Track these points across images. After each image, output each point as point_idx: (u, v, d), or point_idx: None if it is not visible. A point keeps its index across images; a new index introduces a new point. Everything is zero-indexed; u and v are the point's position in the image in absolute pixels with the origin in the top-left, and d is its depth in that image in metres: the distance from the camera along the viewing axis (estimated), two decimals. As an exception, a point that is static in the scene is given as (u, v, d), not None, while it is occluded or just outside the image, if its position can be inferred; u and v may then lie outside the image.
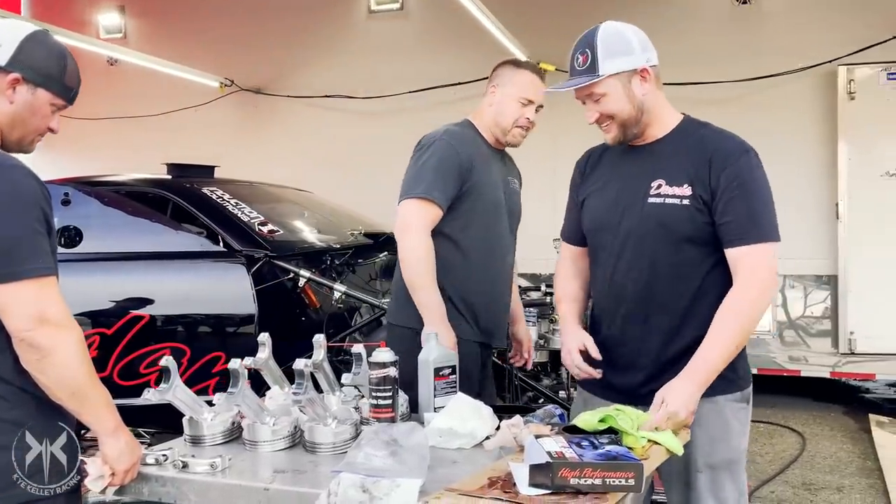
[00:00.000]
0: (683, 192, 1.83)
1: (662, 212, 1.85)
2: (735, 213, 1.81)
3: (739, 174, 1.83)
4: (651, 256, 1.87)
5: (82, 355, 1.58)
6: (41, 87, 1.67)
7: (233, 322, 3.47)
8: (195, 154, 5.20)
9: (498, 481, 1.44)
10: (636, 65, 1.86)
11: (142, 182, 3.99)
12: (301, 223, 4.21)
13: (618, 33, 1.89)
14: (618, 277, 1.94)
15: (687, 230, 1.84)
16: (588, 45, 1.86)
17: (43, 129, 1.73)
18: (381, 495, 1.47)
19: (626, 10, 6.02)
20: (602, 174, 2.03)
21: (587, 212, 2.03)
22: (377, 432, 1.70)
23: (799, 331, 5.76)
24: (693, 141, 1.90)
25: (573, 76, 1.88)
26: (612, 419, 1.63)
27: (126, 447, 1.65)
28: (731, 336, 1.78)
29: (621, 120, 1.89)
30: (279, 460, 1.76)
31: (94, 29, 7.71)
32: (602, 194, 1.99)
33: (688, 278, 1.87)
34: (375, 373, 1.85)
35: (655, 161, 1.91)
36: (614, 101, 1.87)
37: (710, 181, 1.82)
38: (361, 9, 6.91)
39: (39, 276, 1.55)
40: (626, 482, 1.36)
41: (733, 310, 1.79)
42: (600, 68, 1.84)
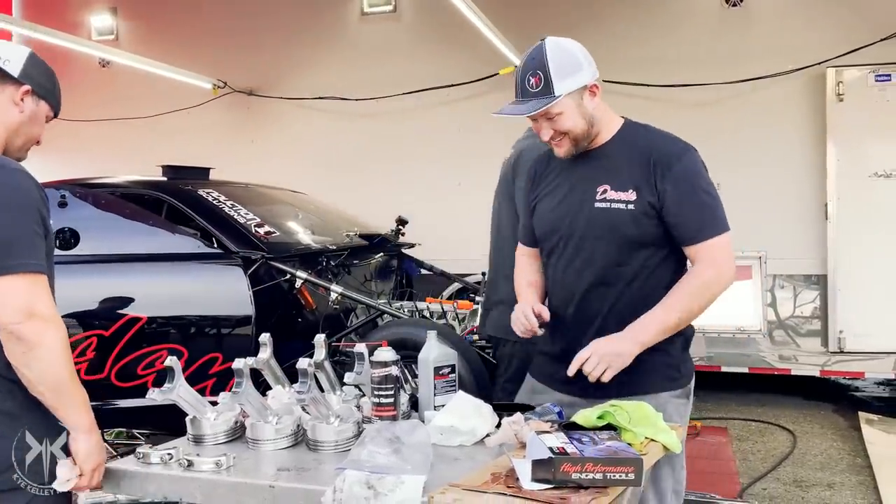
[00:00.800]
0: (628, 197, 1.92)
1: (608, 216, 1.93)
2: (688, 212, 1.91)
3: (685, 174, 1.91)
4: (599, 259, 1.96)
5: (66, 352, 1.64)
6: (43, 100, 1.83)
7: (230, 323, 3.48)
8: (188, 156, 5.20)
9: (501, 476, 1.47)
10: (586, 81, 1.93)
11: (138, 184, 4.00)
12: (297, 224, 4.23)
13: (566, 52, 1.93)
14: (568, 279, 2.02)
15: (632, 233, 1.92)
16: (539, 67, 1.89)
17: (38, 137, 1.87)
18: (385, 491, 1.50)
19: (615, 13, 6.14)
20: (551, 180, 2.10)
21: (538, 216, 2.12)
22: (380, 430, 1.73)
23: (789, 330, 5.82)
24: (635, 144, 1.98)
25: (526, 97, 1.92)
26: (610, 416, 1.67)
27: (95, 447, 1.70)
28: (675, 308, 1.88)
29: (574, 135, 1.96)
30: (282, 458, 1.78)
31: (87, 30, 7.67)
32: (551, 199, 2.07)
33: (635, 279, 1.95)
34: (378, 372, 1.88)
35: (600, 166, 1.99)
36: (569, 119, 1.93)
37: (656, 184, 1.90)
38: (354, 10, 6.92)
39: (31, 272, 1.62)
40: (627, 476, 1.39)
41: (683, 287, 1.90)
42: (555, 90, 1.89)
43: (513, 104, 1.95)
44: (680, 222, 1.90)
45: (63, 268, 3.45)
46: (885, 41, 5.38)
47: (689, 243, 1.92)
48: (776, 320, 5.80)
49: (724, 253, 1.91)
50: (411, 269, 4.69)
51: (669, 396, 1.98)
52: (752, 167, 5.69)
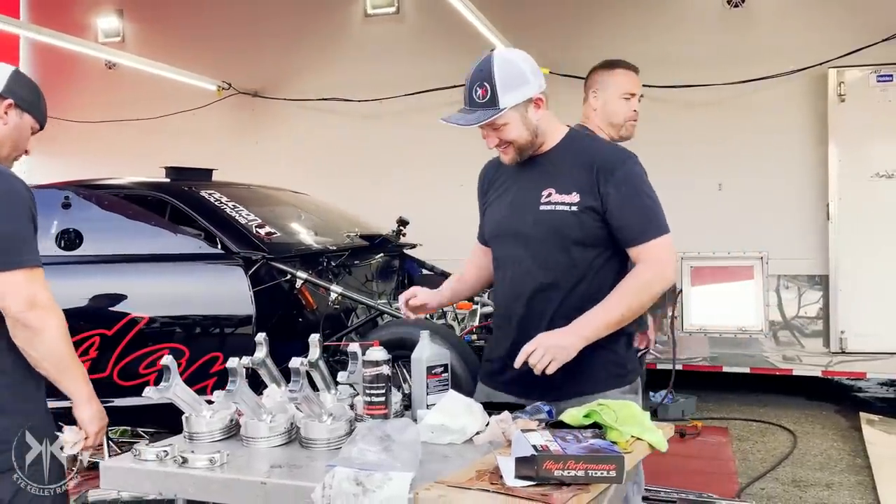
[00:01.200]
0: (572, 200, 1.99)
1: (553, 218, 2.01)
2: (630, 215, 1.99)
3: (627, 179, 2.00)
4: (545, 259, 2.03)
5: (65, 334, 1.88)
6: (27, 112, 2.00)
7: (231, 323, 3.52)
8: (193, 157, 5.25)
9: (486, 474, 1.50)
10: (531, 94, 1.99)
11: (141, 185, 4.04)
12: (298, 225, 4.27)
13: (512, 64, 1.99)
14: (517, 279, 2.09)
15: (576, 234, 2.00)
16: (486, 79, 1.95)
17: (24, 148, 2.05)
18: (373, 488, 1.53)
19: (616, 14, 6.15)
20: (500, 184, 2.17)
21: (488, 220, 2.19)
22: (371, 428, 1.75)
23: (793, 330, 5.83)
24: (579, 151, 2.07)
25: (473, 107, 1.98)
26: (596, 414, 1.69)
27: (97, 413, 1.96)
28: (617, 305, 1.95)
29: (519, 145, 2.03)
30: (276, 456, 1.81)
31: (93, 32, 7.75)
32: (500, 203, 2.15)
33: (581, 279, 2.02)
34: (369, 371, 1.91)
35: (545, 171, 2.07)
36: (513, 130, 2.00)
37: (599, 189, 1.98)
38: (358, 12, 6.97)
39: (31, 266, 1.84)
40: (608, 474, 1.42)
41: (626, 285, 1.97)
42: (500, 102, 1.95)
43: (461, 112, 2.02)
44: (623, 225, 1.99)
45: (67, 268, 3.54)
46: (887, 42, 5.39)
47: (631, 244, 2.00)
48: (780, 321, 5.81)
49: (665, 254, 2.00)
50: (413, 270, 4.72)
51: (618, 393, 2.05)
52: (754, 167, 5.70)
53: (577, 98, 7.21)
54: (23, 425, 1.85)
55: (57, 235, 3.64)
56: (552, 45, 6.26)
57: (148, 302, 3.47)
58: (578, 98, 7.24)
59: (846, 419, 5.24)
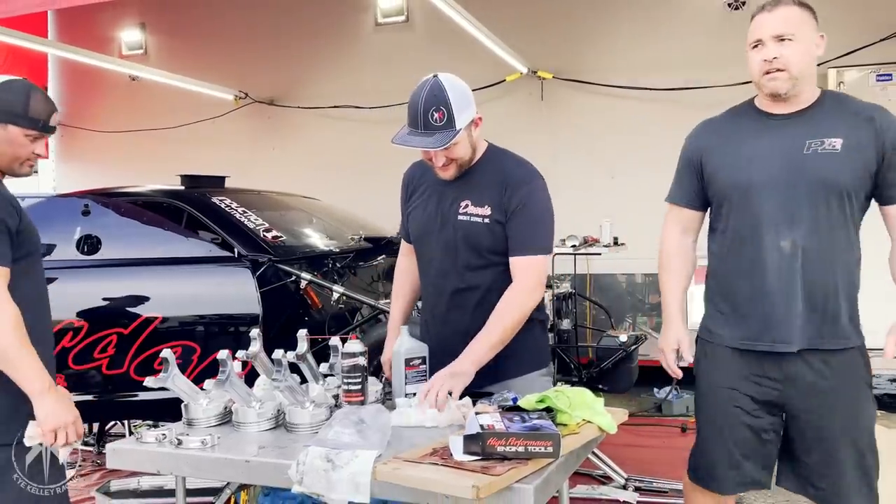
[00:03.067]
0: (484, 212, 2.22)
1: (468, 227, 2.24)
2: (517, 229, 2.19)
3: (524, 198, 2.20)
4: (460, 263, 2.27)
5: (9, 328, 1.93)
6: (10, 124, 2.07)
7: (239, 322, 3.71)
8: (212, 164, 5.48)
9: (439, 451, 1.67)
10: (474, 115, 2.18)
11: (155, 192, 4.27)
12: (304, 229, 4.46)
13: (460, 88, 2.15)
14: (437, 280, 2.31)
15: (487, 243, 2.23)
16: (443, 103, 2.10)
17: (25, 155, 2.12)
18: (342, 464, 1.71)
19: (618, 18, 6.27)
20: (423, 191, 2.37)
21: (412, 222, 2.39)
22: (347, 413, 1.94)
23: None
24: (495, 167, 2.27)
25: (430, 130, 2.12)
26: (549, 399, 1.85)
27: (50, 410, 1.96)
28: (495, 329, 2.14)
29: (461, 162, 2.21)
30: (263, 439, 2.00)
31: (117, 45, 8.06)
32: (424, 208, 2.34)
33: (494, 281, 2.23)
34: (347, 362, 2.09)
35: (465, 184, 2.27)
36: (462, 148, 2.19)
37: (504, 203, 2.20)
38: (369, 22, 7.17)
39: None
40: (546, 449, 1.58)
41: (501, 310, 2.16)
42: (457, 123, 2.11)
43: (415, 135, 2.14)
44: (511, 235, 2.20)
45: (87, 271, 3.78)
46: (886, 41, 5.43)
47: (512, 254, 2.20)
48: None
49: (535, 272, 2.19)
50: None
51: (537, 375, 2.29)
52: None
53: (579, 101, 7.33)
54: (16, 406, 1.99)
55: (78, 241, 3.89)
56: (554, 50, 6.42)
57: (161, 303, 3.68)
58: (580, 101, 7.36)
59: (849, 415, 5.29)
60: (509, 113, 6.57)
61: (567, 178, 6.28)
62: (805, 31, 2.05)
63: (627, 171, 6.09)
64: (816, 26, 2.08)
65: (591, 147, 6.32)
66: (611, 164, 6.23)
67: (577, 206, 5.13)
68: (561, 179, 6.39)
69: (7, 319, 1.93)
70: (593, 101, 6.30)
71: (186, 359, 3.56)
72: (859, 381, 2.14)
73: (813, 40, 2.07)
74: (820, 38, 2.09)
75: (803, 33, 2.04)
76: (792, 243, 2.07)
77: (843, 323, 2.11)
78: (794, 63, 2.02)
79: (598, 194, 6.08)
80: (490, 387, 2.17)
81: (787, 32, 2.02)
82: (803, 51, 2.04)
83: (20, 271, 2.05)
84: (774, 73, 2.03)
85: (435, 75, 2.17)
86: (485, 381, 2.17)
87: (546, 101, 6.47)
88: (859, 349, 2.15)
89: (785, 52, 2.02)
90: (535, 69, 6.40)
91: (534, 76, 6.42)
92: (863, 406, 2.13)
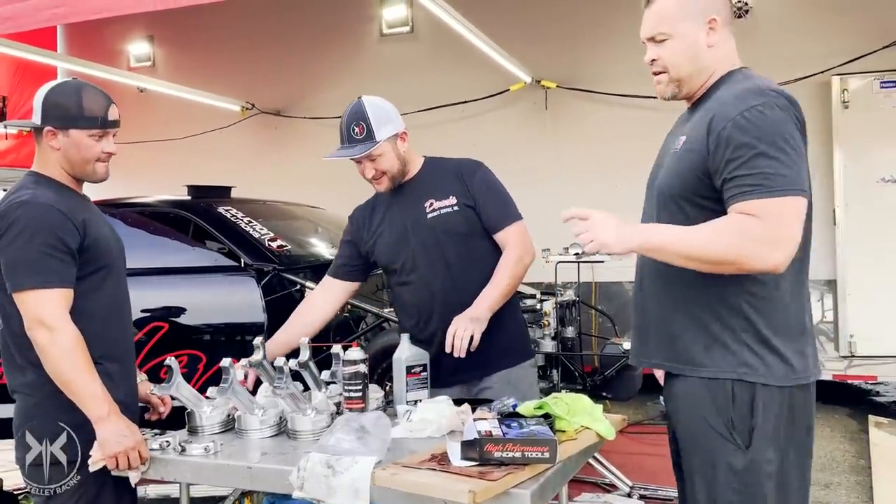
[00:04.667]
0: (451, 202, 2.40)
1: (441, 220, 2.39)
2: (492, 207, 2.39)
3: (484, 179, 2.43)
4: (444, 258, 2.39)
5: (68, 354, 1.90)
6: (71, 129, 2.04)
7: (244, 330, 3.75)
8: (219, 174, 5.53)
9: (437, 457, 1.69)
10: (398, 129, 2.38)
11: (163, 203, 4.32)
12: (310, 238, 4.51)
13: (379, 106, 2.37)
14: (427, 284, 2.39)
15: (464, 228, 2.38)
16: (362, 119, 2.32)
17: (93, 156, 2.08)
18: (342, 470, 1.73)
19: (621, 28, 6.29)
20: (379, 221, 2.47)
21: (380, 253, 2.47)
22: (348, 420, 1.96)
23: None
24: (440, 168, 2.48)
25: (352, 143, 2.33)
26: (548, 406, 1.87)
27: (111, 435, 1.91)
28: (503, 278, 2.33)
29: (392, 174, 2.39)
30: (265, 445, 2.02)
31: (126, 58, 8.16)
32: (388, 233, 2.44)
33: (479, 265, 2.38)
34: (348, 369, 2.11)
35: (419, 189, 2.44)
36: (387, 160, 2.36)
37: (469, 189, 2.40)
38: (374, 33, 7.24)
39: (35, 287, 1.91)
40: (542, 455, 1.60)
41: (504, 264, 2.35)
42: (377, 135, 2.32)
43: (341, 149, 2.37)
44: (488, 214, 2.39)
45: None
46: (889, 48, 5.46)
47: (495, 230, 2.39)
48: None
49: (523, 233, 2.41)
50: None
51: (529, 365, 2.45)
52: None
53: (583, 110, 7.36)
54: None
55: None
56: (558, 59, 6.46)
57: (168, 311, 3.73)
58: (585, 110, 7.38)
59: (857, 422, 5.27)
60: (513, 122, 6.62)
61: (571, 185, 6.31)
62: (683, 25, 1.76)
63: (632, 179, 6.07)
64: (706, 8, 1.75)
65: (595, 155, 6.34)
66: (615, 172, 6.24)
67: (579, 216, 5.13)
68: (565, 187, 6.44)
69: (63, 344, 1.89)
70: (597, 109, 6.34)
71: (192, 367, 3.59)
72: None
73: (696, 31, 1.75)
74: (709, 22, 1.75)
75: (681, 28, 1.76)
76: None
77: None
78: (673, 64, 1.79)
79: (602, 202, 6.03)
80: (482, 381, 2.37)
81: (660, 32, 1.78)
82: (681, 49, 1.77)
83: (89, 288, 2.03)
84: (657, 77, 1.84)
85: (359, 97, 2.37)
86: (475, 374, 2.36)
87: (550, 111, 6.50)
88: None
89: (662, 53, 1.79)
90: (539, 78, 6.43)
91: (537, 85, 6.46)
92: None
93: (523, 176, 5.53)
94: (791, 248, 1.58)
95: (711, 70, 1.79)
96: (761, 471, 1.68)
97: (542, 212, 3.28)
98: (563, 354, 4.61)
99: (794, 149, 1.60)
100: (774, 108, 1.61)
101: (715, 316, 1.71)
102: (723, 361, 1.70)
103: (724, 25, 1.77)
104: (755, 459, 1.68)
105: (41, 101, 2.04)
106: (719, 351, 1.70)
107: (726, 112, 1.66)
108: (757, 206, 1.57)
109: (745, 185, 1.59)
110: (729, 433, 1.69)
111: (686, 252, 1.65)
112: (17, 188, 2.05)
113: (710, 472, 1.73)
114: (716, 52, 1.78)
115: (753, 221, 1.57)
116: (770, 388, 1.67)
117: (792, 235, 1.58)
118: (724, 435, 1.70)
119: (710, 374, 1.71)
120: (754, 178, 1.58)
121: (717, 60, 1.79)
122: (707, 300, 1.72)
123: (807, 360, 1.71)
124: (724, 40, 1.79)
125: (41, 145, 2.08)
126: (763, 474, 1.68)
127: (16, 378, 2.03)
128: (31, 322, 1.90)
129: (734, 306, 1.69)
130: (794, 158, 1.59)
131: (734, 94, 1.69)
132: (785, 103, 1.63)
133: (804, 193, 1.60)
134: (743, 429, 1.68)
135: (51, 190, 2.04)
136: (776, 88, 1.66)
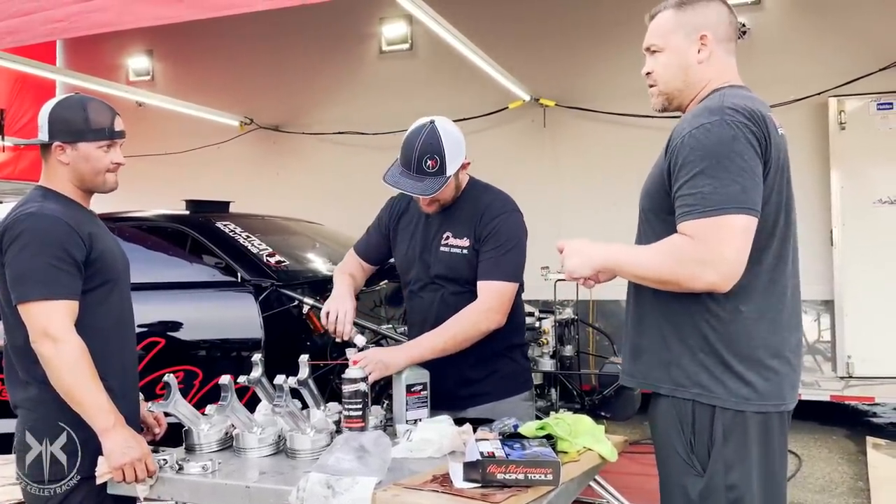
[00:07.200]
0: (463, 244, 2.35)
1: (449, 259, 2.36)
2: (486, 257, 2.30)
3: (495, 228, 2.31)
4: (440, 292, 2.39)
5: (74, 366, 1.90)
6: (79, 142, 2.05)
7: (242, 346, 3.72)
8: (218, 189, 5.51)
9: (439, 478, 1.67)
10: (464, 160, 2.30)
11: (159, 217, 4.30)
12: (308, 254, 4.48)
13: (453, 135, 2.25)
14: (424, 306, 2.44)
15: (465, 274, 2.34)
16: (437, 152, 2.22)
17: (103, 167, 2.09)
18: (342, 490, 1.71)
19: (620, 44, 6.34)
20: (409, 220, 2.47)
21: (398, 251, 2.47)
22: (348, 440, 1.94)
23: (816, 355, 5.87)
24: (475, 201, 2.39)
25: (422, 175, 2.23)
26: (550, 427, 1.86)
27: (117, 447, 1.90)
28: (444, 335, 2.26)
29: (444, 202, 2.36)
30: (264, 464, 2.00)
31: (125, 72, 8.18)
32: (409, 238, 2.44)
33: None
34: (347, 387, 2.09)
35: (447, 217, 2.39)
36: (447, 191, 2.31)
37: (478, 232, 2.32)
38: (373, 50, 7.26)
39: (40, 299, 1.91)
40: (545, 477, 1.58)
41: (457, 321, 2.27)
42: (448, 171, 2.24)
43: (407, 177, 2.25)
44: (481, 261, 2.31)
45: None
46: (886, 70, 5.49)
47: (479, 278, 2.30)
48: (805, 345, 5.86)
49: (498, 295, 2.27)
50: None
51: (520, 399, 2.36)
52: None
53: (581, 128, 7.38)
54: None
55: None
56: (556, 77, 6.48)
57: (164, 327, 3.69)
58: (584, 128, 7.40)
59: (855, 444, 5.25)
60: (512, 140, 6.63)
61: (569, 204, 6.32)
62: (675, 39, 1.77)
63: (630, 197, 6.06)
64: (699, 24, 1.76)
65: (594, 174, 6.35)
66: (613, 190, 6.25)
67: (579, 233, 5.09)
68: (563, 206, 6.44)
69: (69, 355, 1.90)
70: (596, 128, 6.36)
71: (188, 383, 3.55)
72: None
73: (687, 47, 1.77)
74: (701, 38, 1.76)
75: (673, 42, 1.78)
76: None
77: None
78: (660, 77, 1.81)
79: (600, 221, 6.08)
80: (473, 409, 2.30)
81: (653, 44, 1.82)
82: (671, 63, 1.78)
83: (95, 301, 2.03)
84: (650, 89, 1.86)
85: (432, 121, 2.26)
86: (468, 404, 2.31)
87: (549, 129, 6.52)
88: None
89: (656, 65, 1.82)
90: (538, 96, 6.46)
91: (536, 103, 6.48)
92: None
93: (522, 193, 5.42)
94: (726, 267, 1.56)
95: (701, 86, 1.79)
96: (719, 499, 1.63)
97: (541, 229, 3.27)
98: (562, 373, 4.59)
99: (741, 166, 1.57)
100: (723, 126, 1.60)
101: (677, 334, 1.69)
102: (680, 381, 1.67)
103: (718, 42, 1.77)
104: (711, 486, 1.63)
105: (47, 117, 2.05)
106: (676, 370, 1.68)
107: (680, 129, 1.67)
108: (692, 227, 1.58)
109: (685, 206, 1.60)
110: (688, 455, 1.67)
111: (635, 271, 1.70)
112: (25, 201, 2.05)
113: (669, 498, 1.73)
114: (706, 69, 1.78)
115: (687, 242, 1.58)
116: (729, 411, 1.63)
117: (726, 255, 1.56)
118: (683, 457, 1.68)
119: (668, 391, 1.69)
120: (693, 198, 1.59)
121: (708, 77, 1.78)
122: (673, 317, 1.70)
123: (778, 383, 1.65)
124: (719, 57, 1.78)
125: (49, 161, 2.08)
126: (722, 502, 1.63)
127: (18, 393, 2.02)
128: (37, 334, 1.90)
129: (695, 325, 1.67)
130: (738, 176, 1.57)
131: (694, 112, 1.71)
132: (740, 120, 1.60)
133: (747, 210, 1.57)
134: (702, 452, 1.64)
135: (58, 203, 2.05)
136: (735, 105, 1.63)
